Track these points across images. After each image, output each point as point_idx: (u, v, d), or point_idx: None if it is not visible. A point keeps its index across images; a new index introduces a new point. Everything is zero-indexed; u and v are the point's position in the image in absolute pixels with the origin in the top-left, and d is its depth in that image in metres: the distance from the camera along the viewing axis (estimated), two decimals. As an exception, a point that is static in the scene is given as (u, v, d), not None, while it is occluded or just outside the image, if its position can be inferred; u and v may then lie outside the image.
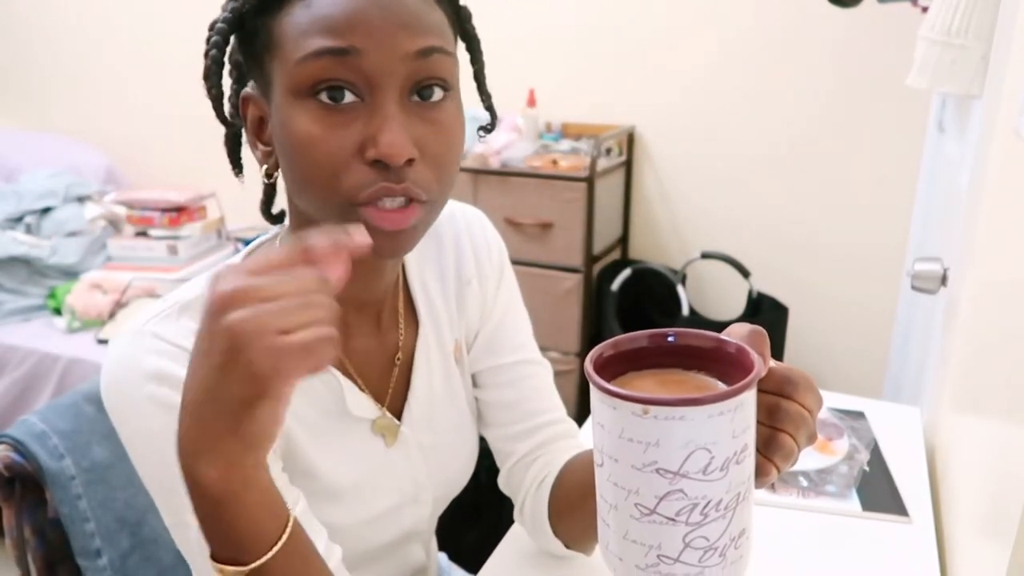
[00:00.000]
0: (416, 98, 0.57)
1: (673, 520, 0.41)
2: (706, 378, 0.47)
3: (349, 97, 0.55)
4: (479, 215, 0.83)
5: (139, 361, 0.58)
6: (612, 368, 0.46)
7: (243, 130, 0.64)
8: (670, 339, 0.47)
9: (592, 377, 0.42)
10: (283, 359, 0.41)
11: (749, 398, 0.42)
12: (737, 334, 0.47)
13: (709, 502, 0.41)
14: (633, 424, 0.40)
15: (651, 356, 0.48)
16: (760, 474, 0.49)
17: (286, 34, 0.55)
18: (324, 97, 0.55)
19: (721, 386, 0.46)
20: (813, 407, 0.50)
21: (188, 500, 0.58)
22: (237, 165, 0.66)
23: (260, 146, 0.63)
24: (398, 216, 0.57)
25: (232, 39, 0.60)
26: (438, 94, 0.58)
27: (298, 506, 0.62)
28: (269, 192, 0.69)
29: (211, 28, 0.59)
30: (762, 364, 0.44)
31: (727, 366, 0.46)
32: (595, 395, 0.43)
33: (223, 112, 0.62)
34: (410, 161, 0.56)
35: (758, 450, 0.48)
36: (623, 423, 0.41)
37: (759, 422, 0.48)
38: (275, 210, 0.70)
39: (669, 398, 0.40)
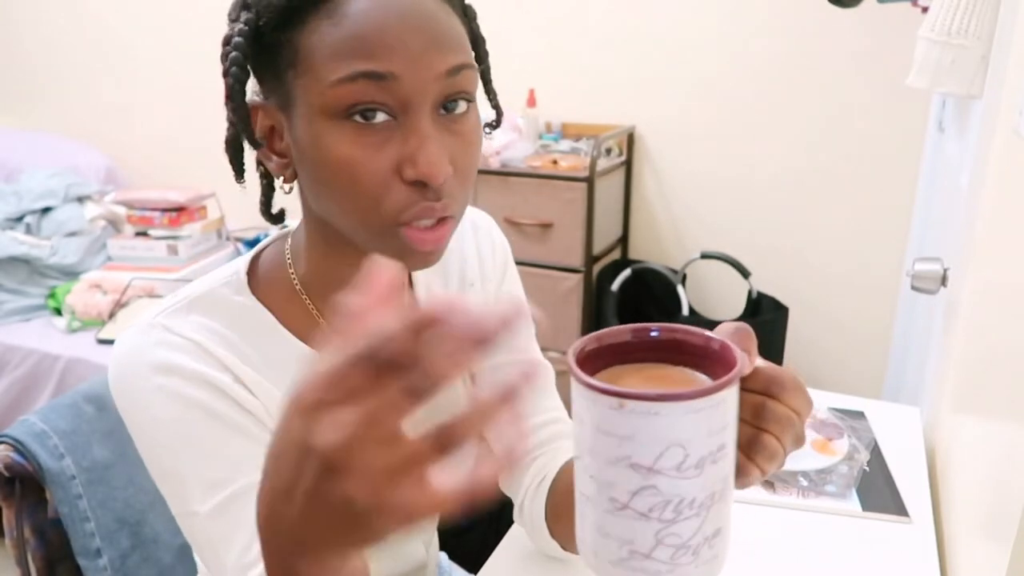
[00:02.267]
0: (443, 111, 0.58)
1: (646, 516, 0.41)
2: (692, 373, 0.47)
3: (381, 116, 0.55)
4: (486, 218, 0.84)
5: (148, 353, 0.59)
6: (597, 361, 0.46)
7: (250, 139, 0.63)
8: (653, 333, 0.47)
9: (572, 369, 0.42)
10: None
11: (728, 396, 0.41)
12: (724, 331, 0.47)
13: (683, 500, 0.41)
14: (609, 417, 0.40)
15: (637, 351, 0.47)
16: (742, 474, 0.49)
17: (315, 53, 0.54)
18: (358, 118, 0.55)
19: (706, 382, 0.45)
20: (801, 409, 0.49)
21: (195, 490, 0.58)
22: (239, 171, 0.66)
23: (274, 157, 0.62)
24: (433, 235, 0.58)
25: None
26: (463, 106, 0.58)
27: None
28: (268, 192, 0.69)
29: (227, 43, 0.58)
30: (746, 361, 0.44)
31: (712, 363, 0.45)
32: (574, 387, 0.42)
33: (251, 132, 0.61)
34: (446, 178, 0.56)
35: (741, 450, 0.48)
36: (600, 416, 0.41)
37: (744, 421, 0.48)
38: (274, 210, 0.70)
39: (644, 392, 0.39)
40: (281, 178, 0.63)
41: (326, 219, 0.61)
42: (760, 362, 0.49)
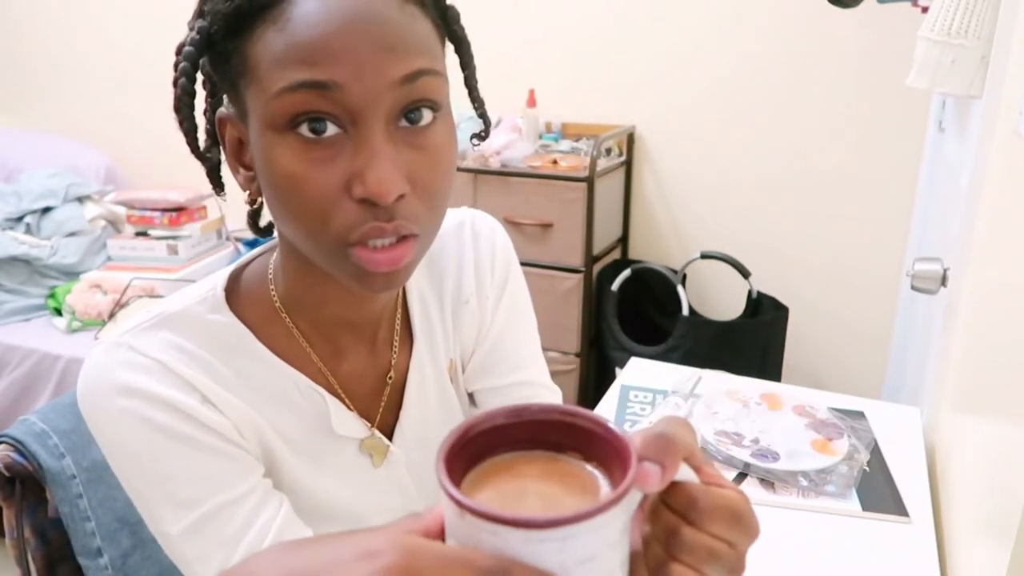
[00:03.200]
0: (404, 123, 0.53)
1: None
2: (592, 473, 0.39)
3: (332, 129, 0.51)
4: (489, 225, 0.79)
5: (111, 373, 0.58)
6: (491, 440, 0.39)
7: (222, 151, 0.61)
8: (535, 413, 0.40)
9: (437, 461, 0.36)
10: None
11: (588, 528, 0.33)
12: (646, 436, 0.39)
13: None
14: (454, 522, 0.35)
15: (538, 433, 0.40)
16: None
17: (261, 62, 0.51)
18: (305, 130, 0.51)
19: (603, 488, 0.38)
20: (733, 538, 0.41)
21: (165, 511, 0.58)
22: (218, 186, 0.64)
23: (241, 170, 0.59)
24: (390, 255, 0.54)
25: (203, 60, 0.57)
26: (427, 117, 0.54)
27: (282, 509, 0.61)
28: (254, 209, 0.65)
29: (178, 52, 0.55)
30: (653, 477, 0.37)
31: (619, 461, 0.38)
32: None
33: (197, 147, 0.59)
34: (400, 196, 0.52)
35: (649, 573, 0.41)
36: (449, 516, 0.36)
37: (657, 542, 0.41)
38: (263, 223, 0.67)
39: (480, 508, 0.33)
40: (247, 192, 0.60)
41: (287, 236, 0.60)
42: (687, 474, 0.40)
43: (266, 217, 0.66)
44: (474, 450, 0.39)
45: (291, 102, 0.51)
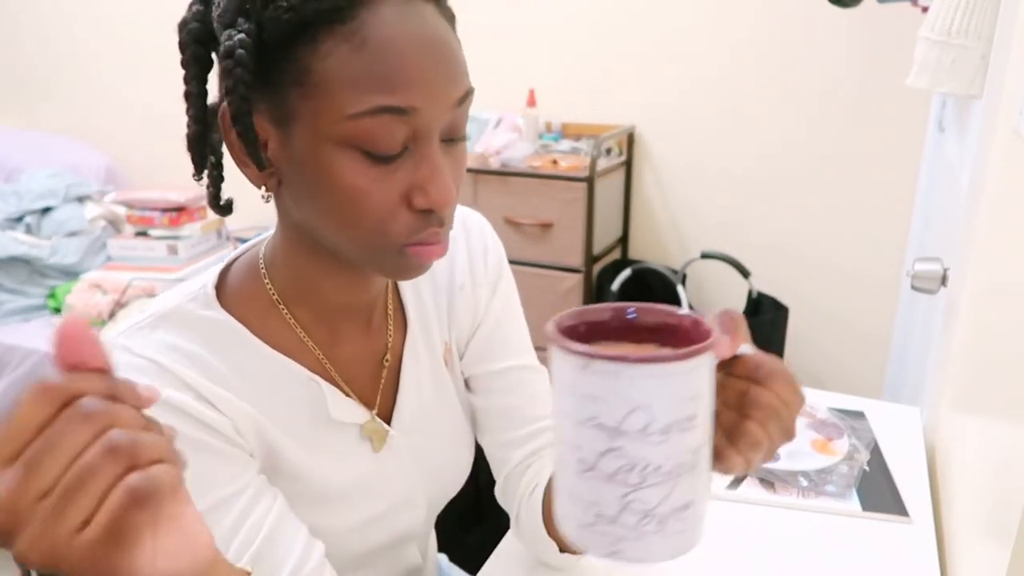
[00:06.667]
0: (448, 139, 0.58)
1: (612, 478, 0.41)
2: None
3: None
4: (479, 220, 0.82)
5: None
6: (579, 338, 0.45)
7: (227, 143, 0.60)
8: (631, 314, 0.47)
9: (549, 331, 0.42)
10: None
11: (695, 366, 0.41)
12: (711, 315, 0.47)
13: (648, 465, 0.41)
14: (577, 378, 0.41)
15: (620, 331, 0.47)
16: (721, 459, 0.48)
17: (333, 80, 0.52)
18: (369, 147, 0.54)
19: None
20: (789, 399, 0.48)
21: None
22: (201, 168, 0.63)
23: (254, 166, 0.59)
24: (440, 248, 0.60)
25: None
26: (463, 132, 0.60)
27: (276, 504, 0.62)
28: (216, 185, 0.63)
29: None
30: (723, 340, 0.45)
31: (695, 343, 0.45)
32: (551, 350, 0.43)
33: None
34: None
35: (724, 435, 0.48)
36: (570, 376, 0.41)
37: (727, 407, 0.48)
38: (223, 200, 0.66)
39: (607, 353, 0.40)
40: (263, 187, 0.60)
41: (311, 231, 0.61)
42: (747, 349, 0.48)
43: (225, 196, 0.65)
44: (579, 337, 0.45)
45: (370, 124, 0.53)
